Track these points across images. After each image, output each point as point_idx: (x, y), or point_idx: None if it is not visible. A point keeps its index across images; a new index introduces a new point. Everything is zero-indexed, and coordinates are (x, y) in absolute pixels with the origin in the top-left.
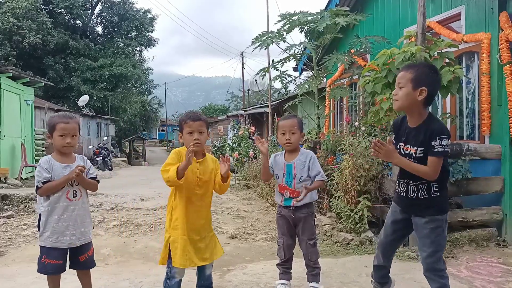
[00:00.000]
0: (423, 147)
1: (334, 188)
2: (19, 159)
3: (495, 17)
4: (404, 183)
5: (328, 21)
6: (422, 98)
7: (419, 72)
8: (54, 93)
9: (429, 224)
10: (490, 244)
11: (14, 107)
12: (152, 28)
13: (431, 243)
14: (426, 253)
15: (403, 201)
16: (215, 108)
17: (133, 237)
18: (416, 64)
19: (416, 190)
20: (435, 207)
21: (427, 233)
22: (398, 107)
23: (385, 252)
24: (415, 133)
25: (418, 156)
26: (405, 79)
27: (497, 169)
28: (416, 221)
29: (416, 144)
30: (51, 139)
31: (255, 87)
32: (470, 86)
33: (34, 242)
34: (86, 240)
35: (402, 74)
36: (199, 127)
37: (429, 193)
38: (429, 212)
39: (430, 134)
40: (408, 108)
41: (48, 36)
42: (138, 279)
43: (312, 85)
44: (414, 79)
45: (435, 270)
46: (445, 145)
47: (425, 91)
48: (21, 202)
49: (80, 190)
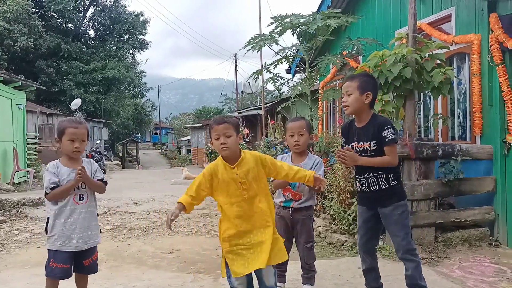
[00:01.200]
0: (375, 139)
1: (327, 189)
2: (11, 164)
3: (485, 18)
4: (364, 178)
5: (320, 23)
6: (368, 101)
7: (363, 80)
8: (46, 97)
9: (396, 211)
10: (483, 244)
11: (6, 111)
12: (144, 31)
13: (402, 227)
14: (400, 237)
15: (367, 196)
16: (209, 110)
17: (127, 241)
18: (357, 74)
19: (376, 182)
20: (396, 194)
21: (396, 219)
22: (350, 112)
23: (368, 252)
24: (364, 131)
25: (373, 148)
26: (352, 87)
27: (489, 169)
28: (384, 212)
29: (368, 139)
30: (59, 143)
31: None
32: (461, 87)
33: (27, 247)
34: (93, 243)
35: (348, 83)
36: (225, 130)
37: (388, 183)
38: (393, 200)
39: (378, 127)
40: (358, 111)
41: (40, 40)
42: (132, 283)
43: (305, 87)
44: (360, 86)
45: (410, 250)
46: (393, 133)
47: (370, 94)
48: (13, 207)
49: (87, 193)
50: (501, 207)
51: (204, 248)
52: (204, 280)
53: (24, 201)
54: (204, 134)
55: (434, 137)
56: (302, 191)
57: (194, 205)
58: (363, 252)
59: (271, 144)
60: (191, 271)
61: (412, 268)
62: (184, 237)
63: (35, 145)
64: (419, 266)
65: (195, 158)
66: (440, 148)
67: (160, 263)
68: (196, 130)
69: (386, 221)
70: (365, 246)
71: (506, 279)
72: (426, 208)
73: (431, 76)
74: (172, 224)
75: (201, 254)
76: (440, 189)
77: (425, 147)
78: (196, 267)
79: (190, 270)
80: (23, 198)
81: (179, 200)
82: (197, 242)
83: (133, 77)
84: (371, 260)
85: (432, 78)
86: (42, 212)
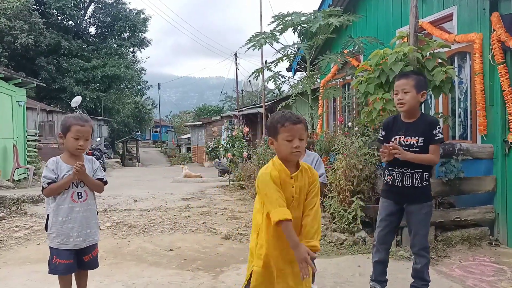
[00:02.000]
0: (424, 136)
1: (327, 188)
2: (11, 161)
3: (487, 17)
4: (399, 172)
5: (321, 21)
6: (423, 99)
7: (419, 79)
8: (47, 94)
9: (423, 209)
10: (483, 243)
11: (6, 108)
12: (145, 29)
13: (425, 225)
14: (420, 235)
15: (397, 191)
16: (209, 108)
17: (126, 239)
18: (412, 72)
19: (411, 179)
20: (426, 194)
21: (422, 218)
22: (405, 109)
23: (385, 244)
24: (414, 127)
25: (419, 144)
26: (409, 85)
27: (489, 169)
28: (411, 208)
29: (417, 134)
30: (63, 139)
31: (249, 87)
32: (462, 86)
33: (26, 244)
34: (92, 241)
35: (404, 81)
36: (301, 131)
37: (421, 182)
38: (423, 199)
39: (430, 125)
40: (413, 108)
41: (40, 37)
42: (131, 280)
43: (305, 86)
44: (417, 85)
45: (425, 248)
46: (442, 133)
47: (425, 93)
48: (13, 204)
49: (85, 192)
50: (501, 206)
51: (203, 246)
52: (203, 277)
53: (24, 198)
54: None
55: None
56: None
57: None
58: (379, 244)
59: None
60: (190, 268)
61: (422, 263)
62: (184, 235)
63: (35, 142)
64: (428, 263)
65: (195, 156)
66: (440, 147)
67: (160, 260)
68: (196, 128)
69: (411, 218)
70: (384, 238)
71: (506, 278)
72: None
73: (433, 75)
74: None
75: (200, 252)
76: (441, 188)
77: None
78: (195, 264)
79: (189, 267)
80: (23, 195)
81: (284, 218)
82: (196, 239)
83: (133, 75)
84: (385, 254)
85: (433, 77)
86: (42, 209)
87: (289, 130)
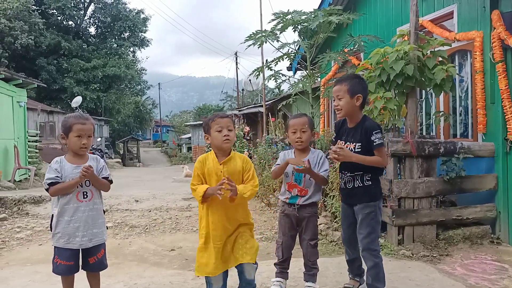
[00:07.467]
0: (361, 142)
1: (329, 187)
2: (12, 161)
3: (487, 15)
4: (345, 176)
5: (322, 19)
6: (359, 103)
7: (352, 83)
8: (47, 95)
9: (364, 210)
10: (484, 242)
11: (7, 109)
12: (145, 29)
13: (366, 226)
14: (362, 235)
15: (344, 193)
16: (210, 108)
17: (128, 239)
18: (346, 77)
19: (352, 181)
20: (368, 195)
21: (363, 218)
22: (342, 115)
23: (350, 245)
24: (353, 132)
25: (357, 150)
26: (342, 91)
27: (491, 167)
28: (355, 209)
29: (354, 140)
30: (65, 140)
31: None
32: (463, 85)
33: (28, 245)
34: (99, 241)
35: (338, 87)
36: (228, 123)
37: (362, 182)
38: (363, 200)
39: (366, 131)
40: (350, 113)
41: (41, 37)
42: (133, 281)
43: (306, 85)
44: (350, 90)
45: (370, 250)
46: (381, 137)
47: (361, 97)
48: (15, 205)
49: (91, 191)
50: (503, 204)
51: None
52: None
53: (26, 198)
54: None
55: (436, 134)
56: (309, 187)
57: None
58: (346, 247)
59: (272, 141)
60: (192, 268)
61: (369, 266)
62: (185, 235)
63: (36, 143)
64: (377, 267)
65: (195, 156)
66: (442, 145)
67: (161, 260)
68: (196, 128)
69: (357, 218)
70: (348, 241)
71: (507, 276)
72: (428, 206)
73: (433, 73)
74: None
75: None
76: (442, 187)
77: (427, 144)
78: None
79: (191, 267)
80: (24, 195)
81: (201, 190)
82: (198, 239)
83: (133, 75)
84: (355, 253)
85: (434, 76)
86: (44, 209)
87: (218, 123)
